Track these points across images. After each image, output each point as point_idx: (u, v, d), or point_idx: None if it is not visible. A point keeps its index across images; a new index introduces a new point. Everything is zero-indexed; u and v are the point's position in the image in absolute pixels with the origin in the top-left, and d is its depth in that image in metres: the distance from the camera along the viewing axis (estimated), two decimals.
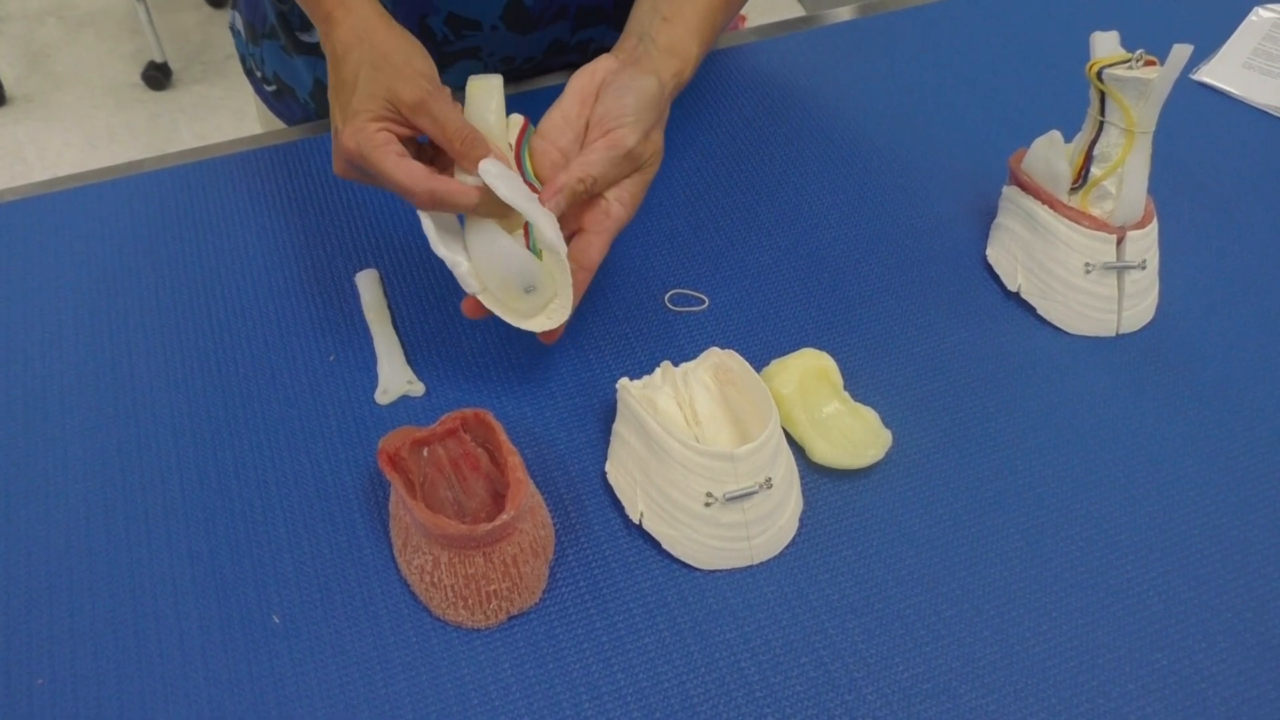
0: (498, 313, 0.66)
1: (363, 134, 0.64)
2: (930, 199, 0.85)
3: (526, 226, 0.67)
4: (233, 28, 1.02)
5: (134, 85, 2.60)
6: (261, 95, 1.03)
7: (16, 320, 0.76)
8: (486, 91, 0.69)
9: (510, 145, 0.69)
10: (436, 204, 0.64)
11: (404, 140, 0.66)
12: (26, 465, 0.68)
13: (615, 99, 0.68)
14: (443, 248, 0.65)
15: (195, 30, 2.77)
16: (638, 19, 0.73)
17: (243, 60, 1.02)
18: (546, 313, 0.67)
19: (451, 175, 0.67)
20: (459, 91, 0.69)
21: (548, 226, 0.64)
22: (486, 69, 0.94)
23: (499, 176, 0.63)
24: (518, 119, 0.70)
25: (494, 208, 0.65)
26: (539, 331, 0.67)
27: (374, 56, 0.65)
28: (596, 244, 0.68)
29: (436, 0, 0.87)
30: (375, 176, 0.65)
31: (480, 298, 0.65)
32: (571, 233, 0.70)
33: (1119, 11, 1.02)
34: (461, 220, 0.68)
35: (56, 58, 2.69)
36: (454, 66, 0.93)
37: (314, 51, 0.93)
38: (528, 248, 0.67)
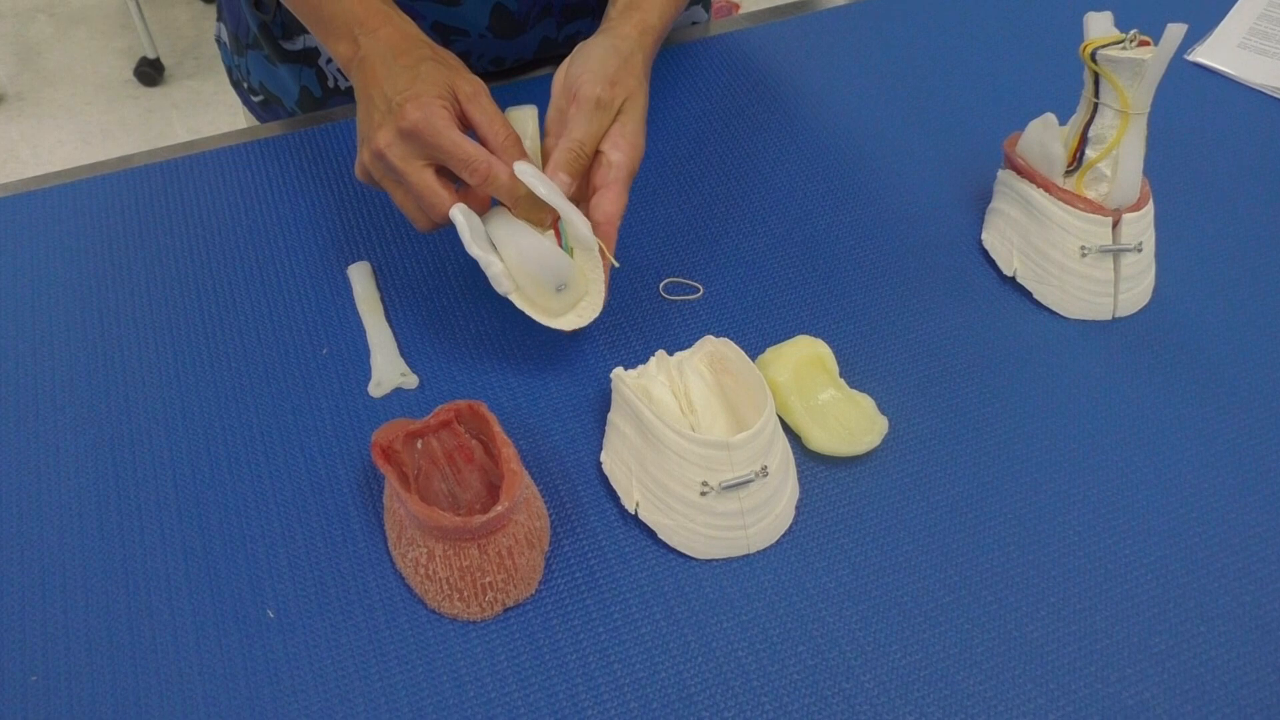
0: (528, 312, 0.67)
1: (431, 108, 0.64)
2: (925, 184, 0.85)
3: (556, 226, 0.69)
4: (218, 39, 1.01)
5: (127, 81, 2.59)
6: (249, 106, 1.02)
7: (7, 317, 0.76)
8: (521, 120, 0.71)
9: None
10: (488, 181, 0.65)
11: None
12: (18, 461, 0.67)
13: (575, 66, 0.70)
14: (476, 248, 0.65)
15: (187, 25, 2.76)
16: None
17: (229, 71, 1.02)
18: (576, 311, 0.68)
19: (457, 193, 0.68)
20: None
21: (583, 223, 0.66)
22: (477, 73, 0.94)
23: (535, 177, 0.65)
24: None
25: (529, 209, 0.67)
26: (567, 329, 0.67)
27: (437, 54, 0.69)
28: (609, 196, 0.68)
29: (422, 9, 0.87)
30: (430, 152, 0.65)
31: (512, 297, 0.66)
32: (587, 198, 0.70)
33: None
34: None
35: (48, 55, 2.68)
36: None
37: (298, 59, 0.93)
38: (559, 246, 0.68)
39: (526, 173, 0.65)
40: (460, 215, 0.65)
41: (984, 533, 0.63)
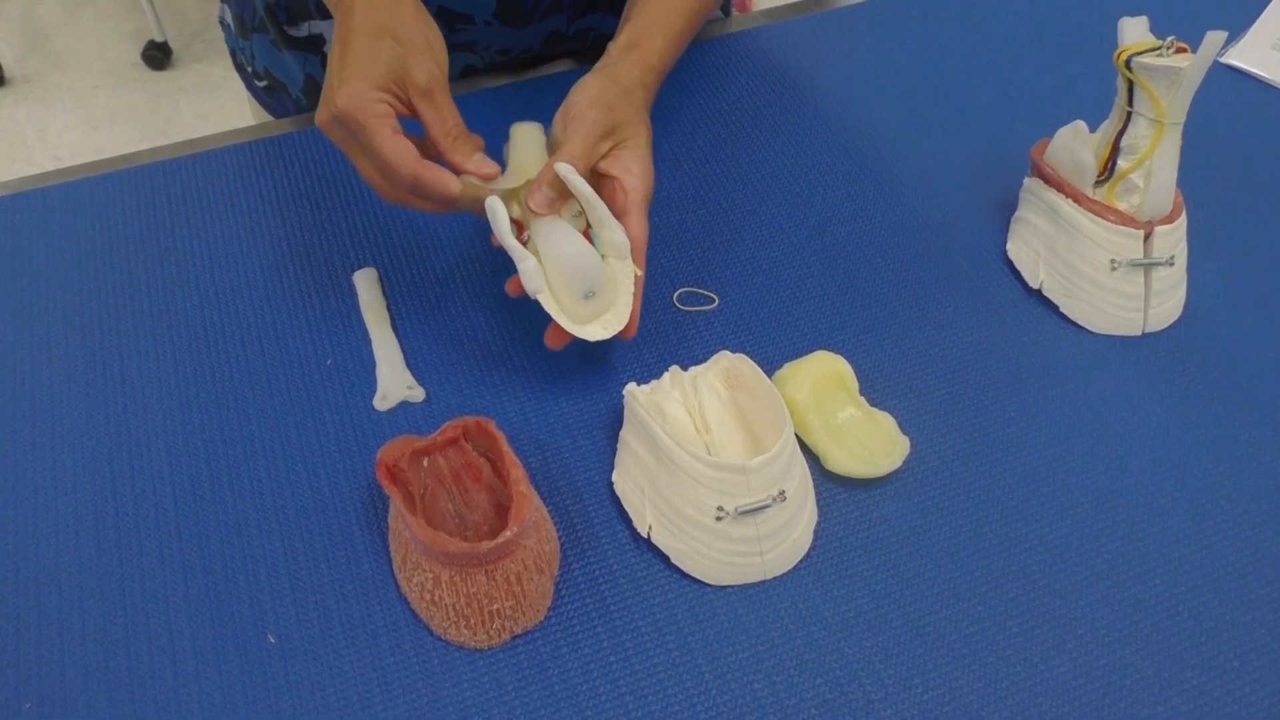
0: (554, 315, 0.64)
1: (362, 98, 0.61)
2: (948, 191, 0.82)
3: (587, 235, 0.67)
4: (222, 21, 0.99)
5: (134, 65, 2.57)
6: (253, 91, 1.00)
7: (4, 322, 0.74)
8: (527, 138, 0.70)
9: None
10: (416, 188, 0.63)
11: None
12: (14, 475, 0.66)
13: (573, 96, 0.69)
14: (512, 239, 0.63)
15: (195, 8, 2.73)
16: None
17: (233, 55, 1.00)
18: (600, 321, 0.66)
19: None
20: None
21: (620, 230, 0.65)
22: (482, 62, 0.92)
23: (578, 179, 0.64)
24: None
25: (473, 205, 0.65)
26: (590, 340, 0.65)
27: (400, 27, 0.64)
28: (632, 221, 0.67)
29: None
30: (360, 143, 0.63)
31: (540, 298, 0.64)
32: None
33: None
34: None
35: (55, 37, 2.65)
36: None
37: (303, 46, 0.90)
38: None
39: (568, 174, 0.64)
40: (499, 205, 0.63)
41: (1009, 560, 0.61)
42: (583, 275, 0.63)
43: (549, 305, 0.64)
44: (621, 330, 0.65)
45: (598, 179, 0.67)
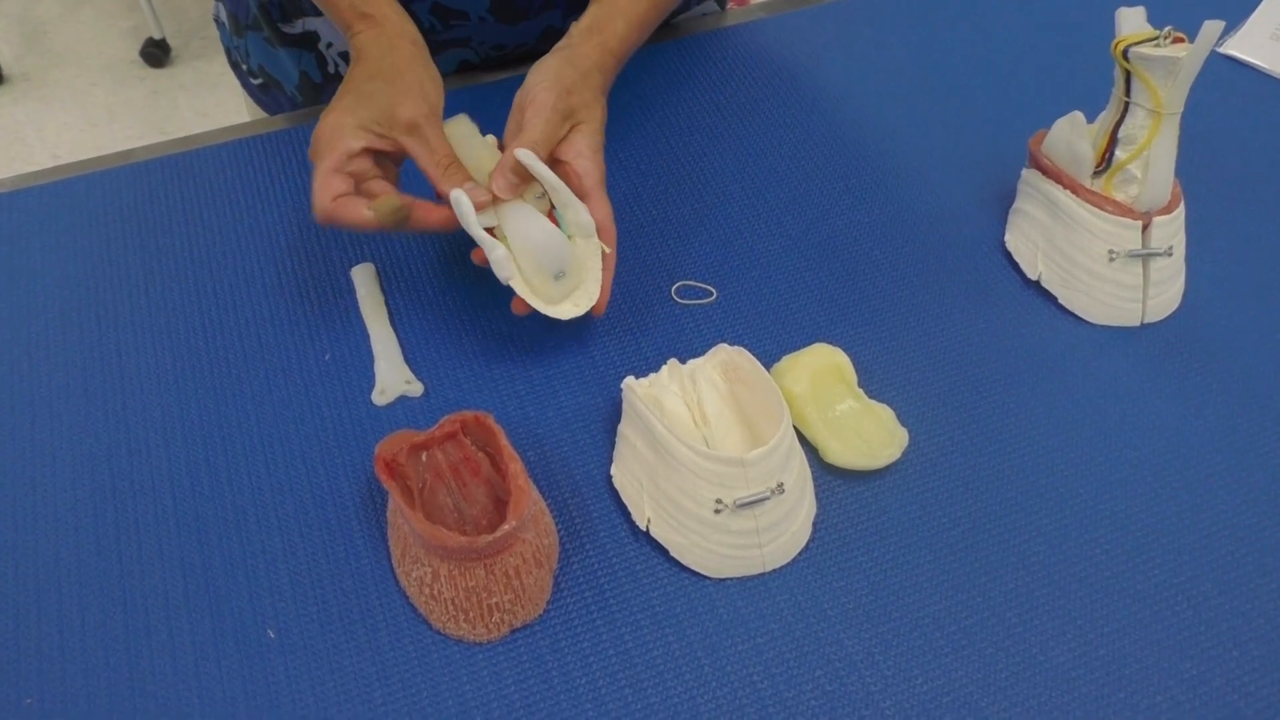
0: (525, 298, 0.66)
1: (338, 130, 0.65)
2: (946, 183, 0.82)
3: (552, 217, 0.68)
4: (217, 19, 0.99)
5: (133, 62, 2.56)
6: (248, 89, 1.00)
7: (2, 319, 0.74)
8: (465, 134, 0.71)
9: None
10: (330, 222, 0.65)
11: (383, 153, 0.67)
12: (12, 472, 0.66)
13: (531, 78, 0.70)
14: (480, 230, 0.65)
15: (193, 5, 2.73)
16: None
17: (228, 53, 0.99)
18: (572, 299, 0.68)
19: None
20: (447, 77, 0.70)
21: (583, 209, 0.67)
22: (477, 58, 0.92)
23: (538, 163, 0.66)
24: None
25: (397, 221, 0.66)
26: (563, 318, 0.67)
27: (392, 71, 0.68)
28: (592, 203, 0.69)
29: None
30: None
31: (512, 283, 0.65)
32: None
33: None
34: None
35: (54, 35, 2.65)
36: (443, 55, 0.90)
37: (298, 43, 0.90)
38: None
39: (530, 159, 0.65)
40: (464, 197, 0.64)
41: (1008, 551, 0.61)
42: (552, 256, 0.65)
43: (521, 289, 0.66)
44: (592, 306, 0.67)
45: (552, 164, 0.68)
